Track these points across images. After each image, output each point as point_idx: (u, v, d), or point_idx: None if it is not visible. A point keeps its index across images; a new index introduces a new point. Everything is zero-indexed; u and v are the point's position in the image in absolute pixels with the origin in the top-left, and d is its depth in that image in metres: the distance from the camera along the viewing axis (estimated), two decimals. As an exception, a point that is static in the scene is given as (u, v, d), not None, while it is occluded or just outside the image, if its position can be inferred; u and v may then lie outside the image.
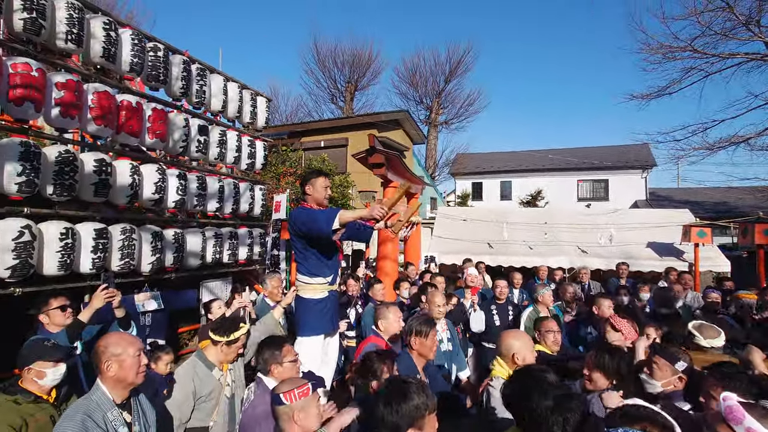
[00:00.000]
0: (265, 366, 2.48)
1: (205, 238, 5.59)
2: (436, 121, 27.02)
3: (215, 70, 5.92)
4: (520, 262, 8.72)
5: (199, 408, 2.60)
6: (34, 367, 2.25)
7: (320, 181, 3.35)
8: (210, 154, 5.75)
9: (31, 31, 3.67)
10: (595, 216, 10.20)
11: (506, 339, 2.64)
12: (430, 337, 2.72)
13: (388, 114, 16.71)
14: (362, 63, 26.65)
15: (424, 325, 2.75)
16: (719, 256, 8.15)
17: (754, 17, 9.86)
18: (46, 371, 2.26)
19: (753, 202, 13.36)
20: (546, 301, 4.84)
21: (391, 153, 6.73)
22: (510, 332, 2.72)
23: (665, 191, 23.89)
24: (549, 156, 24.34)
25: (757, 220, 6.74)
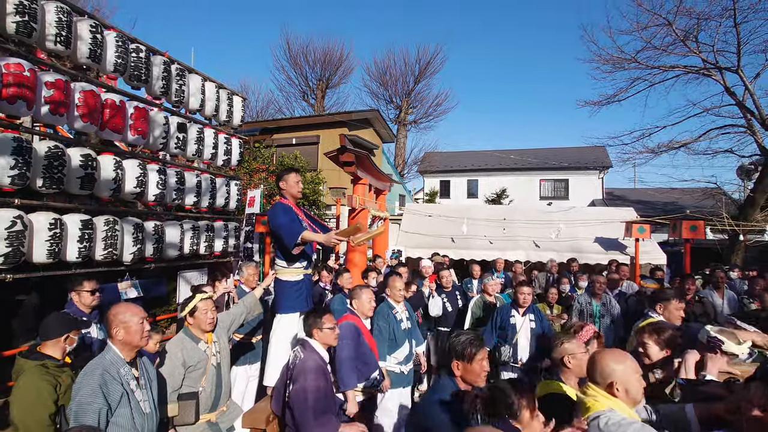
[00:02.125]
0: (309, 330, 2.96)
1: (183, 230, 5.90)
2: (406, 120, 27.59)
3: (194, 71, 6.20)
4: (480, 255, 9.35)
5: (188, 376, 2.98)
6: (70, 335, 2.63)
7: (292, 177, 3.78)
8: (188, 151, 6.04)
9: (23, 34, 3.92)
10: (551, 213, 10.96)
11: (603, 361, 1.97)
12: (476, 362, 2.35)
13: (359, 113, 17.09)
14: (334, 61, 26.89)
15: (469, 346, 2.35)
16: (657, 250, 9.01)
17: (692, 33, 10.88)
18: (76, 338, 2.66)
19: (695, 202, 14.53)
20: (489, 289, 5.45)
21: (360, 152, 7.16)
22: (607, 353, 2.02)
23: (621, 191, 25.21)
24: (513, 156, 25.29)
25: (684, 217, 7.56)
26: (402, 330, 4.05)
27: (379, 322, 3.98)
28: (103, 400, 2.11)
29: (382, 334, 3.94)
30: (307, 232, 3.39)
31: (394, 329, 4.02)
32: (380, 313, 4.03)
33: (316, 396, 2.61)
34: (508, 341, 4.52)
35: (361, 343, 3.21)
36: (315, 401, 2.59)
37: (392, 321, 4.04)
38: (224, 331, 3.32)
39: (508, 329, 4.54)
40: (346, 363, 3.04)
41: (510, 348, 4.49)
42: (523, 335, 4.50)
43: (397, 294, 4.12)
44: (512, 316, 4.59)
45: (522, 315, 4.57)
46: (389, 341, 3.98)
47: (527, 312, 4.57)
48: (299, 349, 2.90)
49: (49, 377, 2.50)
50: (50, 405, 2.44)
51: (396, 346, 4.01)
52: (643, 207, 17.84)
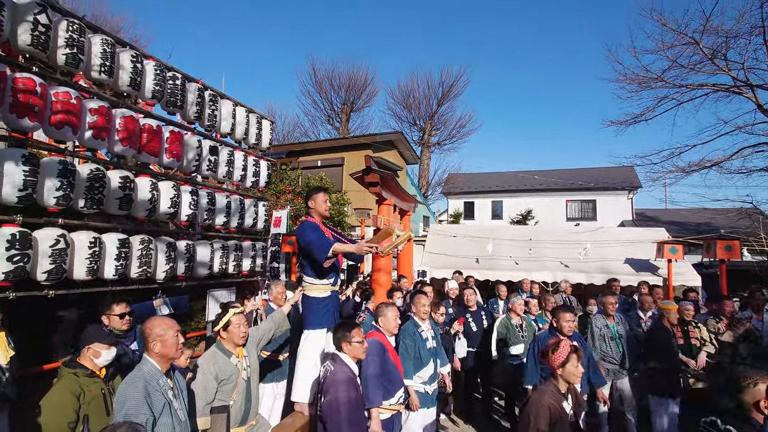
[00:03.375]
0: (338, 343, 3.02)
1: (213, 250, 6.06)
2: (429, 142, 27.81)
3: (225, 96, 6.47)
4: (506, 276, 9.23)
5: (221, 390, 3.05)
6: (92, 346, 2.72)
7: (321, 196, 3.89)
8: (219, 173, 6.26)
9: (72, 65, 4.20)
10: (578, 233, 10.77)
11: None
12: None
13: (383, 135, 17.36)
14: (358, 85, 27.53)
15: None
16: (690, 271, 8.71)
17: (721, 51, 10.72)
18: (101, 351, 2.75)
19: (730, 222, 14.04)
20: (516, 308, 5.36)
21: (385, 173, 7.27)
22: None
23: (652, 212, 24.58)
24: (538, 177, 25.07)
25: (719, 237, 7.32)
26: (427, 349, 4.06)
27: (405, 341, 4.01)
28: (149, 411, 2.20)
29: (408, 352, 3.96)
30: (338, 244, 3.47)
31: (420, 348, 4.03)
32: (406, 331, 4.06)
33: (348, 407, 2.63)
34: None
35: (386, 360, 3.23)
36: (347, 413, 2.61)
37: (418, 339, 4.05)
38: (254, 346, 3.39)
39: None
40: (371, 380, 3.06)
41: None
42: None
43: (422, 312, 4.14)
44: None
45: None
46: (414, 360, 3.98)
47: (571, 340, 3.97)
48: (329, 362, 2.94)
49: (76, 386, 2.61)
50: (70, 413, 2.54)
51: (421, 365, 4.00)
52: (676, 228, 17.33)
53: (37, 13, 3.81)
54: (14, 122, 3.71)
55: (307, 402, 3.45)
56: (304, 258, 3.71)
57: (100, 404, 2.72)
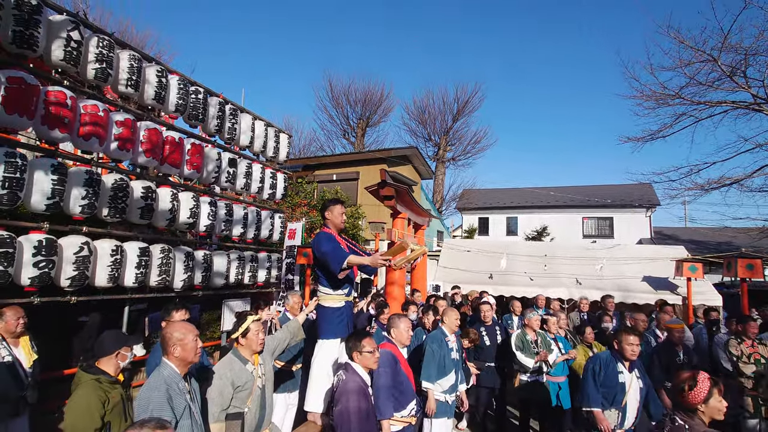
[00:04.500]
0: (350, 353, 3.05)
1: (230, 260, 6.16)
2: (444, 157, 27.87)
3: (245, 110, 6.64)
4: (520, 292, 9.14)
5: (236, 396, 3.07)
6: (122, 351, 2.81)
7: (337, 208, 3.95)
8: (237, 184, 6.39)
9: (101, 79, 4.38)
10: (594, 250, 10.65)
11: None
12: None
13: (398, 150, 17.49)
14: (374, 101, 27.84)
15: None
16: (711, 291, 8.53)
17: (740, 69, 10.63)
18: (128, 354, 2.83)
19: (752, 242, 13.74)
20: (533, 324, 5.31)
21: (400, 186, 7.32)
22: None
23: (671, 230, 24.14)
24: (554, 193, 24.88)
25: (740, 255, 7.16)
26: (451, 359, 4.21)
27: (432, 345, 4.16)
28: (171, 413, 2.24)
29: (434, 356, 4.12)
30: (353, 255, 3.52)
31: (445, 356, 4.18)
32: (434, 337, 4.25)
33: (358, 417, 2.64)
34: (615, 404, 3.77)
35: (398, 372, 3.23)
36: (357, 422, 2.62)
37: (444, 347, 4.22)
38: (269, 355, 3.43)
39: (616, 389, 3.77)
40: (382, 391, 3.06)
41: (618, 412, 3.75)
42: (632, 396, 3.78)
43: (453, 324, 4.35)
44: (620, 372, 3.79)
45: (630, 371, 3.82)
46: (438, 366, 4.11)
47: (633, 367, 3.85)
48: (342, 371, 2.97)
49: (101, 392, 2.64)
50: (97, 419, 2.57)
51: (444, 373, 4.13)
52: (696, 246, 17.00)
53: (70, 30, 4.00)
54: (45, 133, 3.88)
55: (320, 412, 3.46)
56: (319, 268, 3.76)
57: (120, 410, 2.77)
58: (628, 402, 3.73)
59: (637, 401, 3.78)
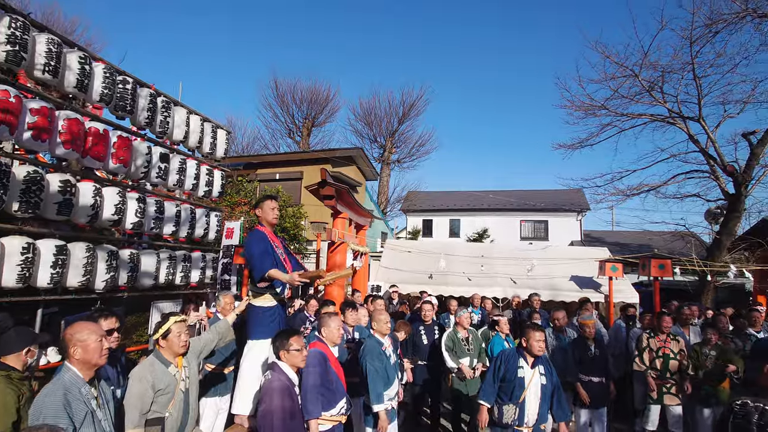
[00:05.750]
0: (277, 352, 3.00)
1: (160, 260, 5.88)
2: (389, 159, 28.14)
3: (179, 103, 6.37)
4: (458, 291, 9.42)
5: (156, 400, 2.94)
6: (31, 348, 2.66)
7: (267, 204, 3.91)
8: (169, 181, 6.11)
9: (13, 62, 4.04)
10: (527, 251, 11.18)
11: None
12: None
13: (343, 150, 17.45)
14: (320, 101, 27.60)
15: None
16: (630, 289, 9.23)
17: (658, 84, 11.62)
18: (36, 351, 2.69)
19: (666, 244, 14.98)
20: (463, 322, 5.51)
21: (341, 186, 7.32)
22: None
23: (598, 233, 25.74)
24: (495, 197, 25.83)
25: (652, 256, 7.83)
26: (392, 366, 4.08)
27: (374, 364, 3.89)
28: (68, 421, 2.11)
29: (377, 373, 3.86)
30: (274, 270, 3.52)
31: (387, 367, 4.00)
32: (371, 352, 3.96)
33: (282, 416, 2.62)
34: (513, 399, 3.71)
35: (327, 370, 3.22)
36: (281, 421, 2.59)
37: (384, 359, 4.01)
38: (194, 357, 3.31)
39: (514, 383, 3.73)
40: (310, 391, 3.04)
41: (516, 408, 3.69)
42: (532, 392, 3.73)
43: (384, 327, 4.15)
44: (520, 366, 3.76)
45: (532, 367, 3.79)
46: (383, 380, 3.90)
47: (538, 363, 3.82)
48: (269, 371, 2.93)
49: (14, 387, 2.54)
50: (13, 413, 2.46)
51: (389, 384, 3.97)
52: (620, 248, 18.24)
53: (-25, 8, 3.66)
54: (-57, 118, 3.52)
55: (248, 414, 3.38)
56: (249, 267, 3.70)
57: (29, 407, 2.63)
58: (527, 398, 3.67)
59: (538, 398, 3.72)
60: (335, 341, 3.52)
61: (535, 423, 3.69)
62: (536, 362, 3.79)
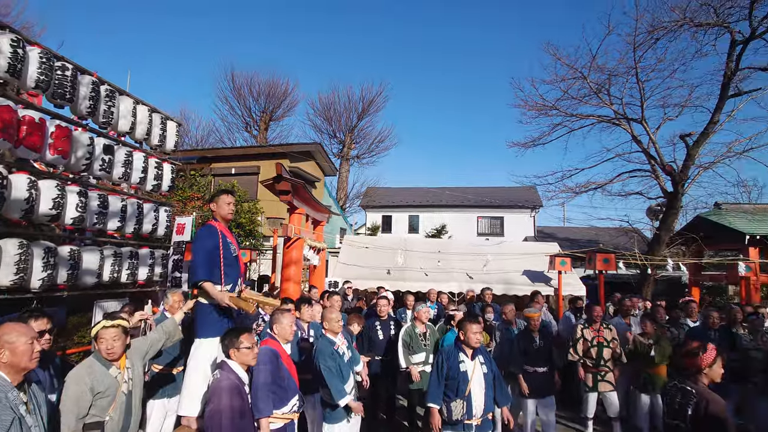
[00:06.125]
0: (226, 350, 2.92)
1: (104, 257, 5.59)
2: (348, 155, 28.04)
3: (125, 92, 6.06)
4: (416, 287, 9.53)
5: (95, 404, 2.81)
6: None
7: (223, 198, 3.80)
8: (114, 174, 5.82)
9: (-67, 43, 3.72)
10: (483, 246, 11.47)
11: None
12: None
13: (301, 145, 17.23)
14: (278, 94, 27.09)
15: None
16: (577, 282, 9.66)
17: (605, 87, 12.20)
18: None
19: (611, 239, 15.77)
20: (421, 316, 5.58)
21: (297, 181, 7.23)
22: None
23: (551, 229, 26.73)
24: (453, 193, 26.28)
25: (597, 251, 8.25)
26: (346, 363, 4.06)
27: (327, 364, 3.85)
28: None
29: (332, 372, 3.84)
30: (209, 284, 3.46)
31: (340, 365, 3.97)
32: (323, 352, 3.93)
33: (231, 415, 2.56)
34: (459, 394, 3.71)
35: (279, 368, 3.18)
36: (230, 420, 2.53)
37: (337, 358, 3.98)
38: (139, 358, 3.18)
39: (458, 378, 3.74)
40: (261, 389, 2.99)
41: (463, 402, 3.69)
42: (477, 383, 3.76)
43: (336, 326, 4.11)
44: (461, 361, 3.80)
45: (472, 359, 3.84)
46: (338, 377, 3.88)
47: (476, 354, 3.88)
48: (218, 370, 2.85)
49: None
50: None
51: (343, 382, 3.95)
52: (570, 244, 19.06)
53: None
54: None
55: (195, 416, 3.29)
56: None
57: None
58: (473, 390, 3.72)
59: (483, 388, 3.77)
60: (288, 338, 3.48)
61: (483, 413, 3.74)
62: (475, 353, 3.86)
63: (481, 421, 3.72)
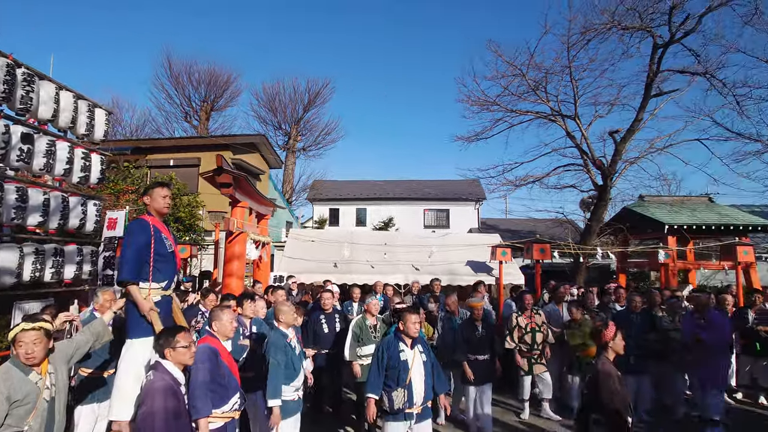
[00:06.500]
0: (161, 350, 2.78)
1: (23, 254, 5.17)
2: (294, 147, 27.55)
3: (46, 77, 5.60)
4: (362, 279, 9.56)
5: (12, 413, 2.61)
6: None
7: (158, 191, 3.62)
8: (34, 164, 5.37)
9: None
10: (428, 238, 11.70)
11: None
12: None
13: (245, 137, 16.73)
14: (220, 83, 26.06)
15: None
16: (517, 272, 10.10)
17: (542, 84, 12.79)
18: None
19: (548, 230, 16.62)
20: (371, 309, 5.63)
21: (239, 174, 7.02)
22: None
23: (494, 221, 27.71)
24: (400, 187, 26.56)
25: (534, 241, 8.68)
26: (297, 356, 4.07)
27: (276, 357, 3.84)
28: None
29: (279, 366, 3.83)
30: (134, 288, 3.32)
31: (292, 359, 3.99)
32: (276, 345, 3.92)
33: (165, 417, 2.47)
34: (400, 383, 3.76)
35: (219, 365, 3.09)
36: (164, 422, 2.44)
37: (290, 351, 4.00)
38: (63, 362, 2.98)
39: (399, 367, 3.79)
40: (199, 388, 2.90)
41: (404, 390, 3.74)
42: (417, 372, 3.84)
43: (291, 318, 4.12)
44: (401, 350, 3.86)
45: (411, 348, 3.91)
46: (287, 371, 3.90)
47: (415, 343, 3.95)
48: (151, 372, 2.74)
49: None
50: None
51: (295, 375, 3.97)
52: (511, 235, 19.86)
53: None
54: None
55: (128, 420, 3.13)
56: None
57: None
58: (413, 379, 3.79)
59: (423, 376, 3.85)
60: (228, 335, 3.39)
61: (423, 401, 3.82)
62: (414, 342, 3.94)
63: (421, 409, 3.80)
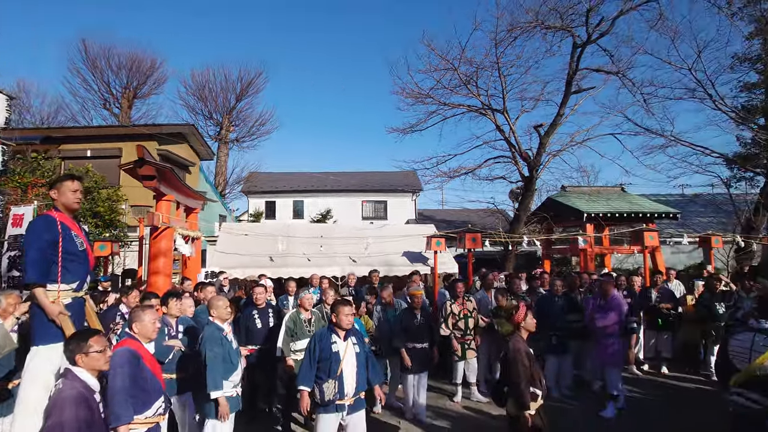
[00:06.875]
0: (72, 356, 2.59)
1: None
2: (227, 138, 26.49)
3: (-72, 57, 4.95)
4: (299, 273, 9.43)
5: None
6: None
7: (67, 185, 3.33)
8: None
9: None
10: (365, 230, 11.76)
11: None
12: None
13: (172, 126, 15.86)
14: (143, 69, 24.40)
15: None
16: (451, 261, 10.43)
17: (473, 79, 13.24)
18: None
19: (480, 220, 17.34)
20: (305, 303, 5.59)
21: (163, 165, 6.63)
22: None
23: (430, 212, 28.38)
24: (337, 178, 26.41)
25: (466, 231, 9.03)
26: (234, 350, 4.08)
27: (213, 350, 3.87)
28: None
29: (216, 359, 3.85)
30: (41, 291, 3.05)
31: (229, 352, 4.01)
32: (211, 339, 3.95)
33: (76, 427, 2.30)
34: (331, 374, 3.77)
35: (140, 369, 2.92)
36: (74, 432, 2.27)
37: (226, 344, 4.02)
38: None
39: (330, 359, 3.81)
40: (119, 394, 2.72)
41: (335, 382, 3.76)
42: (348, 363, 3.86)
43: (225, 313, 4.12)
44: (333, 342, 3.87)
45: (344, 339, 3.93)
46: (225, 365, 3.92)
47: (349, 335, 3.97)
48: (60, 380, 2.54)
49: None
50: None
51: (233, 369, 3.99)
52: (447, 225, 20.46)
53: None
54: None
55: (36, 433, 2.88)
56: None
57: None
58: (345, 369, 3.80)
59: (355, 367, 3.87)
60: (150, 336, 3.21)
61: (355, 392, 3.85)
62: (348, 334, 3.96)
63: (353, 400, 3.83)
